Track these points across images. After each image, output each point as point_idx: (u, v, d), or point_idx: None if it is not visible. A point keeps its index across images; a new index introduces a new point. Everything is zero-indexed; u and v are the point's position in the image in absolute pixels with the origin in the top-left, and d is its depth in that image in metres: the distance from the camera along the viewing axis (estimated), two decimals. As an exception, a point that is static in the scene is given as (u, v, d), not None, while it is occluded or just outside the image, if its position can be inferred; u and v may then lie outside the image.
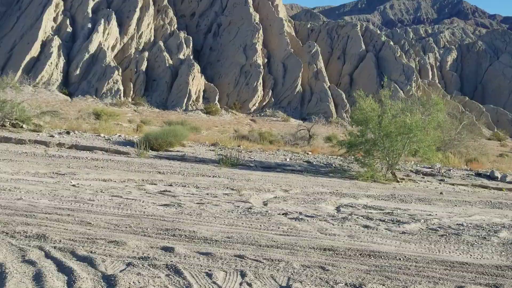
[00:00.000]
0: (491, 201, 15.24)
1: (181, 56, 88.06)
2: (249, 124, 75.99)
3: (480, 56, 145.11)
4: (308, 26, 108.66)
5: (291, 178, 16.89)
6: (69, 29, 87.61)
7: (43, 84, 79.71)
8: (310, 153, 30.35)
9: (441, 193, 17.03)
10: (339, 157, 25.26)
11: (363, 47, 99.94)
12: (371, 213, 11.24)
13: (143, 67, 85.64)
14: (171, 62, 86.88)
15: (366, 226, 9.55)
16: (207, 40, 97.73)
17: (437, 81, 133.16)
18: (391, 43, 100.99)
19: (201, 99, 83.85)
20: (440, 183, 20.32)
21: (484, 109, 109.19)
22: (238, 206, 10.81)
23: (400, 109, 21.30)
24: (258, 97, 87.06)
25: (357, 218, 10.41)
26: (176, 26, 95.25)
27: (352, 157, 20.92)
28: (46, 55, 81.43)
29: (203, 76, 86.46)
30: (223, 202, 11.24)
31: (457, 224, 10.51)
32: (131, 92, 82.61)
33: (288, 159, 23.38)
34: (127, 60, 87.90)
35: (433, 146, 20.95)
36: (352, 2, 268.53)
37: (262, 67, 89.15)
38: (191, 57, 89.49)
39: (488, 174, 22.24)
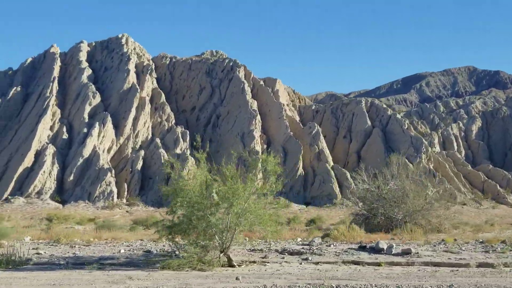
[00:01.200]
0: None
1: (177, 151, 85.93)
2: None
3: (506, 122, 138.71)
4: (313, 108, 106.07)
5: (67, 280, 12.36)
6: (65, 136, 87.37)
7: (36, 194, 78.18)
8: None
9: (237, 278, 12.56)
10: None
11: (369, 123, 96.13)
12: None
13: (139, 166, 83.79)
14: (167, 158, 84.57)
15: None
16: (207, 132, 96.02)
17: (463, 152, 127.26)
18: (398, 116, 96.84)
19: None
20: (301, 263, 15.71)
21: (510, 176, 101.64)
22: None
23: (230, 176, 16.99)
24: (258, 184, 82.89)
25: None
26: (173, 121, 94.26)
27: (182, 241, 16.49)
28: (40, 164, 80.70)
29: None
30: None
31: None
32: (125, 193, 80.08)
33: (127, 250, 18.98)
34: (124, 160, 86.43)
35: (270, 220, 16.46)
36: (387, 83, 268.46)
37: (260, 153, 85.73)
38: (187, 151, 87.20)
39: (373, 246, 17.46)
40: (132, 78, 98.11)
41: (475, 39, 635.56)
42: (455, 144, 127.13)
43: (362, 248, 17.85)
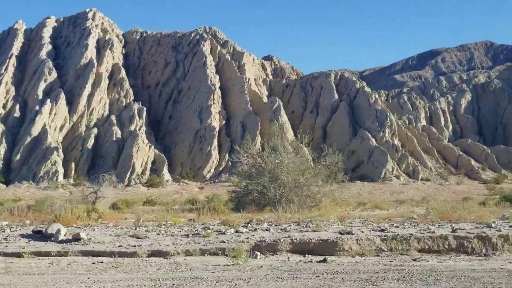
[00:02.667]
0: None
1: (132, 129, 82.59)
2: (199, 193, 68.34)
3: (497, 95, 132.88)
4: (283, 82, 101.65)
5: None
6: (17, 114, 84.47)
7: (-19, 175, 75.73)
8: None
9: None
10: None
11: (336, 97, 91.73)
12: None
13: (90, 144, 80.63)
14: (119, 136, 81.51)
15: None
16: (167, 108, 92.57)
17: (450, 126, 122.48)
18: (366, 89, 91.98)
19: (148, 172, 77.26)
20: None
21: (488, 151, 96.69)
22: None
23: None
24: (213, 162, 79.77)
25: None
26: (132, 98, 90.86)
27: None
28: (-14, 144, 78.01)
29: (152, 147, 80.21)
30: None
31: None
32: (73, 172, 77.13)
33: None
34: (77, 139, 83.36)
35: None
36: (403, 60, 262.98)
37: (217, 130, 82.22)
38: (144, 128, 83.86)
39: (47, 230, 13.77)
40: (90, 53, 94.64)
41: (492, 13, 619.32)
42: (442, 118, 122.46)
43: (37, 232, 14.15)
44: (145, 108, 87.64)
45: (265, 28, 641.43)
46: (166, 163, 78.65)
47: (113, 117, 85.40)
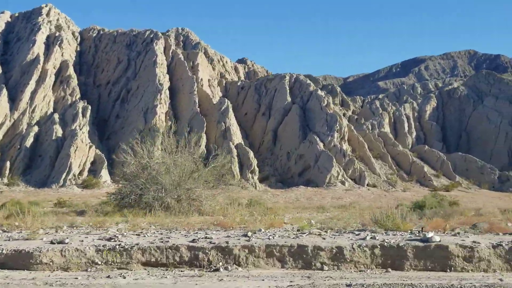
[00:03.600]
0: None
1: (73, 127, 79.77)
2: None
3: (462, 102, 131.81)
4: (239, 84, 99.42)
5: None
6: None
7: None
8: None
9: None
10: None
11: (289, 99, 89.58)
12: None
13: (28, 143, 77.66)
14: (59, 134, 78.65)
15: None
16: (115, 107, 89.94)
17: (414, 133, 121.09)
18: (319, 92, 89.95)
19: (86, 172, 74.45)
20: None
21: (444, 158, 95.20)
22: None
23: None
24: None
25: None
26: (78, 96, 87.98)
27: None
28: None
29: (93, 147, 77.50)
30: None
31: None
32: (7, 171, 74.16)
33: None
34: (17, 137, 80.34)
35: None
36: (387, 67, 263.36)
37: (161, 131, 79.54)
38: (87, 128, 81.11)
39: None
40: (38, 49, 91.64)
41: (476, 23, 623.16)
42: (406, 124, 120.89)
43: None
44: (89, 107, 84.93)
45: (249, 34, 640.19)
46: (106, 164, 75.95)
47: (56, 115, 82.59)
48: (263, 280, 9.83)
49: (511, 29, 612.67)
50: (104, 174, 75.11)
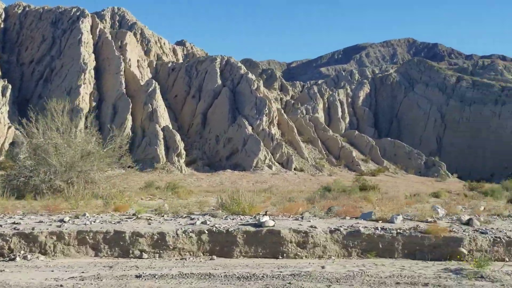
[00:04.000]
0: None
1: (-9, 107, 75.77)
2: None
3: (394, 89, 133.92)
4: (169, 65, 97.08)
5: None
6: None
7: None
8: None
9: None
10: None
11: (219, 82, 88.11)
12: None
13: None
14: (-27, 115, 74.55)
15: None
16: (38, 87, 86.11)
17: (347, 118, 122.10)
18: (250, 75, 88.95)
19: (3, 154, 70.88)
20: None
21: (373, 143, 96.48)
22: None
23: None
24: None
25: None
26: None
27: None
28: None
29: (12, 128, 73.77)
30: None
31: None
32: None
33: None
34: None
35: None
36: (329, 53, 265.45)
37: (84, 112, 76.66)
38: (7, 108, 77.19)
39: None
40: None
41: (416, 12, 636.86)
42: (339, 110, 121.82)
43: None
44: (10, 86, 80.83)
45: (199, 20, 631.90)
46: (25, 144, 72.50)
47: (-28, 95, 78.24)
48: (59, 270, 8.67)
49: (448, 19, 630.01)
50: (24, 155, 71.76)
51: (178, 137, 76.23)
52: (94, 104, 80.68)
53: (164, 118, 79.72)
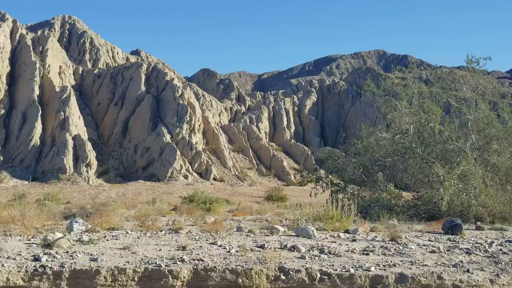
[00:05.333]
0: None
1: None
2: None
3: (341, 98, 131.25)
4: (95, 72, 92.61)
5: None
6: None
7: None
8: None
9: None
10: None
11: (143, 89, 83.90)
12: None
13: None
14: None
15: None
16: None
17: (293, 127, 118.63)
18: (174, 82, 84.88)
19: None
20: None
21: (309, 152, 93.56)
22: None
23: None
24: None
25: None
26: None
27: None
28: None
29: None
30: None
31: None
32: None
33: None
34: None
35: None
36: (300, 65, 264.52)
37: (-11, 120, 71.94)
38: None
39: None
40: None
41: (385, 25, 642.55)
42: (285, 119, 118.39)
43: None
44: None
45: (170, 34, 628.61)
46: None
47: None
48: None
49: (417, 30, 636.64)
50: None
51: (89, 146, 71.64)
52: (2, 111, 75.74)
53: (78, 127, 75.06)
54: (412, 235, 12.50)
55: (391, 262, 9.17)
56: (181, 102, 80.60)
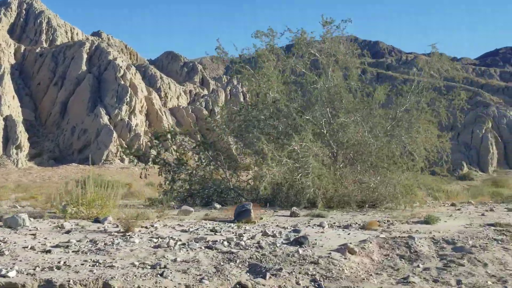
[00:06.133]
0: None
1: None
2: None
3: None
4: (37, 50, 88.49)
5: None
6: None
7: None
8: None
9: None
10: None
11: (84, 68, 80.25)
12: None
13: None
14: None
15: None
16: None
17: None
18: (117, 62, 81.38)
19: None
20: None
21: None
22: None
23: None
24: None
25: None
26: None
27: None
28: None
29: None
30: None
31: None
32: None
33: None
34: None
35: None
36: None
37: None
38: None
39: None
40: None
41: (358, 9, 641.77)
42: (242, 100, 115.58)
43: None
44: None
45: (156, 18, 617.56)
46: None
47: None
48: None
49: (388, 17, 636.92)
50: None
51: (20, 127, 68.11)
52: None
53: (11, 107, 71.37)
54: (175, 224, 10.06)
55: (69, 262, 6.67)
56: (122, 82, 77.25)
